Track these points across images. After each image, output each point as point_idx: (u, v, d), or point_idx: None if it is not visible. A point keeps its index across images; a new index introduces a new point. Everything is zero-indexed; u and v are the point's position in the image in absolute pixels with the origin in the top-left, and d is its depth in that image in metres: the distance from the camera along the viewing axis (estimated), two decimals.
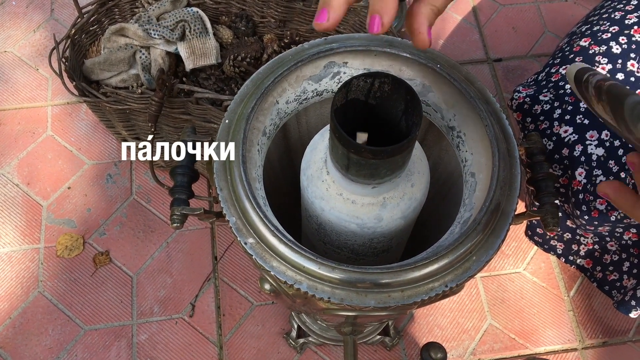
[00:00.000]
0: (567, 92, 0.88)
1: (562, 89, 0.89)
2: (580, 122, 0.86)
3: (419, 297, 0.53)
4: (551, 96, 0.90)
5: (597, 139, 0.85)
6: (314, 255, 0.53)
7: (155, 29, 1.04)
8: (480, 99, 0.62)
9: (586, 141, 0.85)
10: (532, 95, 0.92)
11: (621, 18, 0.92)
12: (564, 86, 0.89)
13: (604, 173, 0.83)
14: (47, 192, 1.27)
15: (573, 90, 0.50)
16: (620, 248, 1.00)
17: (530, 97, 0.92)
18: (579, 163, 0.85)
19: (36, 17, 1.48)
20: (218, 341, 1.13)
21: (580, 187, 0.85)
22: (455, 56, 1.45)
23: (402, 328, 1.15)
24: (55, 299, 1.16)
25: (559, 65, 0.94)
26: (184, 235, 1.23)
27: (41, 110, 1.36)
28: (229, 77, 1.08)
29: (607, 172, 0.83)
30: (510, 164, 0.59)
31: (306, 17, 1.09)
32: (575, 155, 0.85)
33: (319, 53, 0.64)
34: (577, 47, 0.93)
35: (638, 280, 0.95)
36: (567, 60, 0.93)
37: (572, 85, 0.51)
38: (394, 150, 0.50)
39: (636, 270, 0.96)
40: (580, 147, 0.85)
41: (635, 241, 0.96)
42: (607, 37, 0.90)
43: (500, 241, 0.56)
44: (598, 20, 0.95)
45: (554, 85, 0.91)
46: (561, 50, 0.98)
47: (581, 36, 0.95)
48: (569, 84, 0.76)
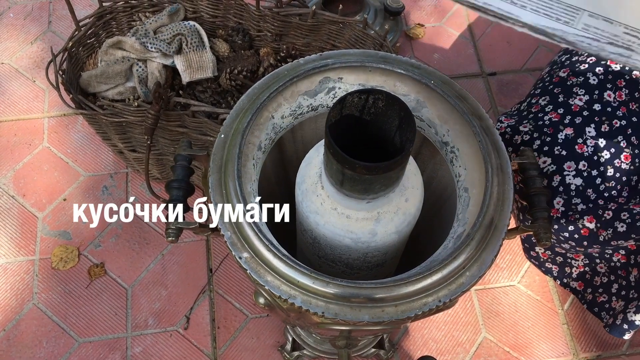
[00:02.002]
0: (545, 124, 0.89)
1: (541, 120, 0.90)
2: (558, 153, 0.87)
3: (412, 312, 0.53)
4: (530, 127, 0.91)
5: (575, 169, 0.86)
6: (308, 270, 0.53)
7: (152, 42, 1.05)
8: (474, 114, 0.63)
9: (564, 172, 0.86)
10: (513, 125, 0.93)
11: None
12: (543, 117, 0.91)
13: (583, 201, 0.85)
14: (42, 203, 1.26)
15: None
16: (609, 270, 1.00)
17: (511, 127, 0.93)
18: (557, 193, 0.86)
19: (33, 29, 1.49)
20: (213, 354, 1.13)
21: (559, 214, 0.87)
22: (450, 70, 1.46)
23: (397, 341, 1.15)
24: (50, 311, 1.16)
25: (539, 96, 0.95)
26: (179, 248, 1.23)
27: (37, 122, 1.36)
28: (226, 90, 1.08)
29: (585, 200, 0.85)
30: (503, 179, 0.60)
31: (302, 31, 1.10)
32: (553, 185, 0.87)
33: (314, 69, 0.64)
34: (557, 77, 0.94)
35: (627, 302, 0.96)
36: (547, 90, 0.94)
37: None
38: (388, 165, 0.50)
39: (625, 292, 0.97)
40: (559, 178, 0.86)
41: (624, 263, 0.97)
42: (584, 68, 0.92)
43: (494, 256, 0.56)
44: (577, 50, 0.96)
45: (534, 116, 0.92)
46: (542, 80, 0.99)
47: (561, 66, 0.96)
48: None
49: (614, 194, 0.86)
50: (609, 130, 0.87)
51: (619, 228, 0.82)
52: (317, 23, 1.07)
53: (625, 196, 0.87)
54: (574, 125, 0.87)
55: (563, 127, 0.87)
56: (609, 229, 0.83)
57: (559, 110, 0.89)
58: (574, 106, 0.89)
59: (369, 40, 1.04)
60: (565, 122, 0.88)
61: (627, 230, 0.82)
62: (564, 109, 0.89)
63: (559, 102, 0.91)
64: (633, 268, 0.95)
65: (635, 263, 0.94)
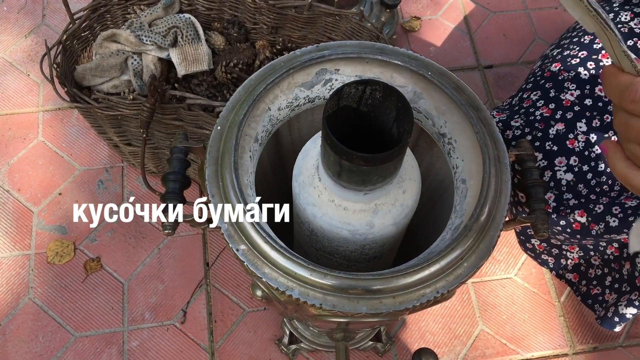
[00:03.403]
0: (537, 119, 0.89)
1: (533, 115, 0.90)
2: (549, 148, 0.87)
3: (410, 304, 0.53)
4: (522, 122, 0.91)
5: (566, 165, 0.86)
6: (306, 262, 0.53)
7: (147, 35, 1.04)
8: (471, 106, 0.62)
9: (555, 167, 0.86)
10: (505, 120, 0.93)
11: (590, 42, 0.92)
12: (534, 112, 0.90)
13: (574, 197, 0.85)
14: (37, 198, 1.26)
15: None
16: (603, 262, 1.01)
17: (502, 122, 0.93)
18: (548, 188, 0.86)
19: (27, 23, 1.47)
20: (210, 348, 1.13)
21: (551, 209, 0.86)
22: (446, 63, 1.46)
23: (394, 334, 1.15)
24: (46, 306, 1.15)
25: (531, 90, 0.95)
26: (176, 242, 1.22)
27: (32, 116, 1.35)
28: (221, 84, 1.08)
29: (577, 195, 0.84)
30: (500, 170, 0.60)
31: (298, 24, 1.09)
32: (544, 180, 0.86)
33: (310, 60, 0.64)
34: (548, 72, 0.94)
35: (619, 295, 0.96)
36: (538, 85, 0.94)
37: None
38: (386, 157, 0.50)
39: (617, 285, 0.97)
40: (550, 173, 0.86)
41: (617, 256, 0.97)
42: (575, 63, 0.91)
43: (491, 247, 0.56)
44: (569, 44, 0.96)
45: (525, 111, 0.92)
46: (533, 74, 0.98)
47: (552, 60, 0.96)
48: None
49: (605, 188, 0.86)
50: (600, 126, 0.86)
51: (611, 223, 0.82)
52: (313, 15, 1.07)
53: (617, 190, 0.87)
54: (565, 121, 0.87)
55: (554, 122, 0.87)
56: (600, 223, 0.83)
57: (551, 105, 0.89)
58: (565, 101, 0.88)
59: (365, 33, 1.03)
60: (557, 117, 0.88)
61: (619, 224, 0.82)
62: (555, 104, 0.89)
63: (550, 97, 0.90)
64: (626, 261, 0.95)
65: (628, 256, 0.95)
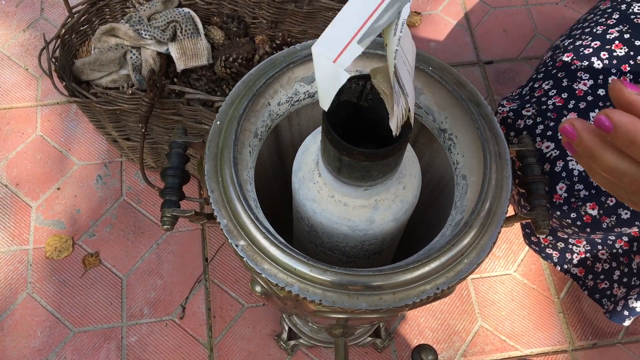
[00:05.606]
0: (549, 108, 0.88)
1: (545, 105, 0.89)
2: (561, 138, 0.86)
3: (410, 300, 0.53)
4: (534, 111, 0.90)
5: None
6: (306, 258, 0.53)
7: (146, 29, 1.03)
8: (472, 101, 0.62)
9: (567, 157, 0.85)
10: (515, 109, 0.92)
11: (603, 33, 0.92)
12: (546, 102, 0.90)
13: (585, 187, 0.84)
14: (36, 192, 1.25)
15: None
16: (611, 256, 1.00)
17: (513, 111, 0.92)
18: (559, 178, 0.86)
19: (26, 17, 1.47)
20: (208, 343, 1.13)
21: (562, 200, 0.86)
22: (446, 58, 1.45)
23: (393, 330, 1.15)
24: (44, 301, 1.15)
25: (542, 80, 0.94)
26: (175, 237, 1.22)
27: (30, 111, 1.35)
28: (221, 78, 1.07)
29: (588, 186, 0.84)
30: (501, 166, 0.59)
31: (298, 19, 1.09)
32: (556, 170, 0.86)
33: (310, 55, 0.63)
34: (560, 62, 0.93)
35: (628, 289, 0.95)
36: (550, 74, 0.93)
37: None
38: (386, 152, 0.50)
39: (626, 279, 0.97)
40: (562, 163, 0.85)
41: (626, 250, 0.96)
42: (588, 53, 0.91)
43: (492, 243, 0.56)
44: (580, 35, 0.95)
45: (537, 100, 0.91)
46: (544, 64, 0.98)
47: (564, 51, 0.95)
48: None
49: None
50: None
51: (623, 215, 0.82)
52: (313, 10, 1.06)
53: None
54: (578, 110, 0.86)
55: (567, 112, 0.87)
56: (612, 216, 0.83)
57: (563, 95, 0.88)
58: (578, 91, 0.88)
59: None
60: (569, 106, 0.87)
61: (631, 217, 0.81)
62: (568, 94, 0.88)
63: (562, 87, 0.90)
64: (635, 255, 0.94)
65: (638, 250, 0.94)
